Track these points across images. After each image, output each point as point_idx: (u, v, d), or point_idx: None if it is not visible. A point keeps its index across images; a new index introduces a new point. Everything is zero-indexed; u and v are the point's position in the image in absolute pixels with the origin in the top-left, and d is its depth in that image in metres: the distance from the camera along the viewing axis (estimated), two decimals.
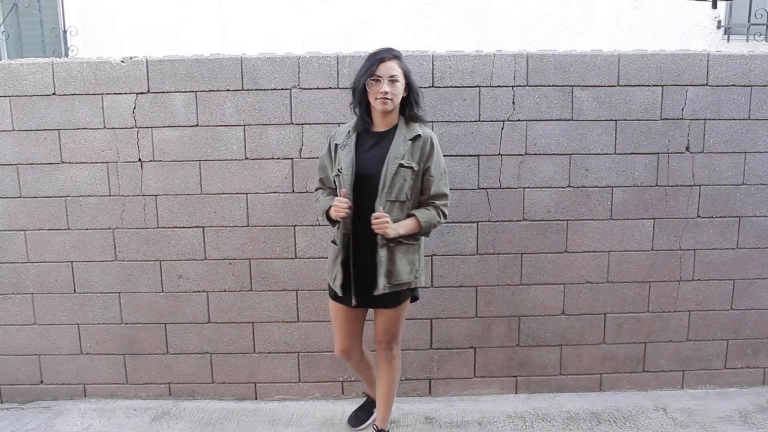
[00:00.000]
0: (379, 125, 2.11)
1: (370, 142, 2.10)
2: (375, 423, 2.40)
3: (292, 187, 2.71)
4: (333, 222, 2.17)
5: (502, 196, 2.73)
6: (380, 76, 2.00)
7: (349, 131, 2.14)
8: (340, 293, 2.15)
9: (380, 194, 2.03)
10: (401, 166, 2.03)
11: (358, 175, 2.05)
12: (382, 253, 2.07)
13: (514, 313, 2.82)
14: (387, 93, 1.99)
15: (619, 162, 2.73)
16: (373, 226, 1.99)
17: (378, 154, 2.07)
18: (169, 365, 2.85)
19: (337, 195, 2.14)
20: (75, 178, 2.71)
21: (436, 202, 2.14)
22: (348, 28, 5.06)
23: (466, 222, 2.74)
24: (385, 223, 1.98)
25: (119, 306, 2.80)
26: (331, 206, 2.10)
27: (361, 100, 2.08)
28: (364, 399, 2.67)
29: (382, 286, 2.08)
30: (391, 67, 2.01)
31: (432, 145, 2.10)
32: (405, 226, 2.07)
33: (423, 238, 2.20)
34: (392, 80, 2.00)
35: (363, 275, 2.11)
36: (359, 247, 2.10)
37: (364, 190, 2.04)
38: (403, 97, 2.09)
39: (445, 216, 2.17)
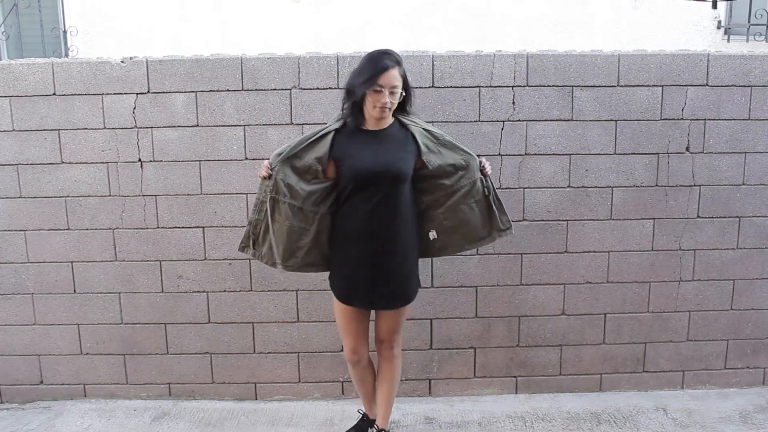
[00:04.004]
0: (372, 124, 2.09)
1: (371, 139, 2.07)
2: (376, 423, 2.39)
3: None
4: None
5: (502, 196, 2.71)
6: (382, 86, 1.96)
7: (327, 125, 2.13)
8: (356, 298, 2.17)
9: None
10: None
11: (375, 172, 2.03)
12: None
13: (514, 313, 2.82)
14: (387, 103, 1.98)
15: (619, 162, 2.73)
16: (489, 169, 2.24)
17: (393, 149, 2.08)
18: (169, 365, 2.85)
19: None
20: (75, 178, 2.71)
21: None
22: (348, 28, 5.06)
23: None
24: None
25: (119, 306, 2.80)
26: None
27: (356, 101, 2.04)
28: (360, 418, 2.48)
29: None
30: (394, 77, 1.97)
31: None
32: None
33: None
34: (393, 91, 1.98)
35: (380, 275, 2.13)
36: (379, 244, 2.09)
37: (380, 185, 2.04)
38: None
39: None
